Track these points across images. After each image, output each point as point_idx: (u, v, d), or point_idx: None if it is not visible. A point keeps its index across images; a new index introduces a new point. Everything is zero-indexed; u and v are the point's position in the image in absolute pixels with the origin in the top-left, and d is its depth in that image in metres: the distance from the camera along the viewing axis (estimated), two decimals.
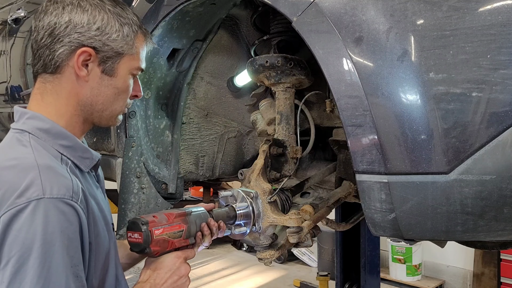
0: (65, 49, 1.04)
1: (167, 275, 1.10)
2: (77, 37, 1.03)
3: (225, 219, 1.30)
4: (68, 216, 0.93)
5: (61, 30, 1.03)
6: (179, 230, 1.14)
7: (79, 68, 1.05)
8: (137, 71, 1.15)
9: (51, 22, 1.04)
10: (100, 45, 1.05)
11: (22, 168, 0.94)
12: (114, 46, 1.07)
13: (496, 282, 4.03)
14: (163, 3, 1.57)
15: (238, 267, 5.40)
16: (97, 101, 1.09)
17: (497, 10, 0.98)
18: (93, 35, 1.04)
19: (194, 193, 6.20)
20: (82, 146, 1.09)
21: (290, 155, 1.53)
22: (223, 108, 1.94)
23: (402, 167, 1.04)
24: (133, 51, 1.11)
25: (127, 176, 1.71)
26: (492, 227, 1.06)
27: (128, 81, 1.13)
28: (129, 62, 1.11)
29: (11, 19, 2.84)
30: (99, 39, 1.05)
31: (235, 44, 1.87)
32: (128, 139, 1.71)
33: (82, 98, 1.08)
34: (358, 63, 1.06)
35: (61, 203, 0.92)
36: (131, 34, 1.10)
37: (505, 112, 0.96)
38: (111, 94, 1.10)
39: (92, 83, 1.07)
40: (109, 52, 1.07)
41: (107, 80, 1.09)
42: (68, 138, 1.06)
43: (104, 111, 1.11)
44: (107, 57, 1.07)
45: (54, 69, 1.05)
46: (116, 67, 1.09)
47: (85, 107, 1.09)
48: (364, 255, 2.55)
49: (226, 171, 2.01)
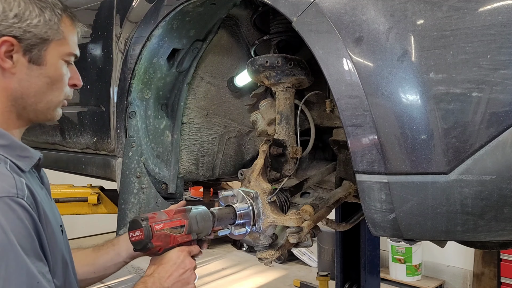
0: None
1: (172, 268, 1.09)
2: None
3: (225, 218, 1.30)
4: (18, 214, 0.88)
5: None
6: (180, 225, 1.14)
7: (3, 60, 0.98)
8: (69, 56, 1.08)
9: None
10: (21, 32, 0.98)
11: None
12: (37, 32, 1.00)
13: (496, 282, 4.03)
14: (163, 3, 1.57)
15: (238, 267, 5.40)
16: (28, 93, 1.02)
17: (497, 10, 0.98)
18: (12, 23, 0.97)
19: (194, 193, 6.19)
20: (19, 145, 1.02)
21: (290, 155, 1.53)
22: (223, 108, 1.94)
23: (402, 167, 1.04)
24: (59, 35, 1.04)
25: (127, 176, 1.71)
26: (492, 227, 1.06)
27: (61, 68, 1.06)
28: (57, 48, 1.04)
29: None
30: (19, 26, 0.97)
31: (235, 44, 1.87)
32: (128, 139, 1.71)
33: (12, 93, 1.00)
34: (358, 63, 1.06)
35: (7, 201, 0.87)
36: (54, 18, 1.03)
37: (505, 112, 0.96)
38: (43, 84, 1.03)
39: (20, 75, 1.00)
40: (33, 39, 0.99)
41: (36, 70, 1.02)
42: (3, 136, 0.99)
43: (38, 104, 1.04)
44: (32, 45, 1.00)
45: None
46: (43, 54, 1.02)
47: (16, 102, 1.02)
48: (364, 255, 2.55)
49: (226, 171, 2.01)
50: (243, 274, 5.18)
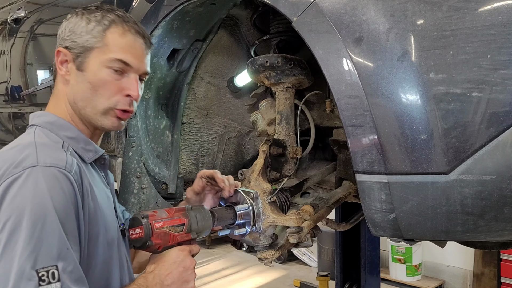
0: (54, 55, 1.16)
1: (172, 266, 1.10)
2: (60, 42, 1.16)
3: (225, 218, 1.30)
4: (61, 184, 0.97)
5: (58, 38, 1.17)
6: (180, 224, 1.14)
7: (59, 68, 1.15)
8: (112, 63, 1.12)
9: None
10: (70, 43, 1.13)
11: (22, 146, 1.02)
12: (81, 41, 1.12)
13: (496, 282, 4.03)
14: (163, 3, 1.57)
15: (238, 267, 5.40)
16: (77, 98, 1.14)
17: (497, 10, 0.98)
18: (66, 36, 1.14)
19: None
20: (84, 138, 1.14)
21: (290, 155, 1.53)
22: (223, 108, 1.94)
23: (402, 167, 1.04)
24: (101, 44, 1.12)
25: (127, 176, 1.71)
26: (492, 227, 1.06)
27: (101, 74, 1.12)
28: (99, 55, 1.12)
29: (11, 19, 2.84)
30: (70, 38, 1.13)
31: (235, 44, 1.87)
32: (128, 139, 1.71)
33: (69, 98, 1.15)
34: (358, 63, 1.06)
35: (53, 170, 0.97)
36: (98, 28, 1.13)
37: (505, 112, 0.96)
38: (86, 89, 1.13)
39: (72, 81, 1.14)
40: (78, 48, 1.13)
41: (80, 76, 1.13)
42: (70, 129, 1.13)
43: (86, 108, 1.14)
44: (78, 54, 1.13)
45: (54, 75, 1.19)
46: (86, 61, 1.13)
47: (72, 106, 1.15)
48: (364, 255, 2.55)
49: (226, 171, 2.01)
50: (243, 274, 5.18)
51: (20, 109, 2.79)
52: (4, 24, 2.98)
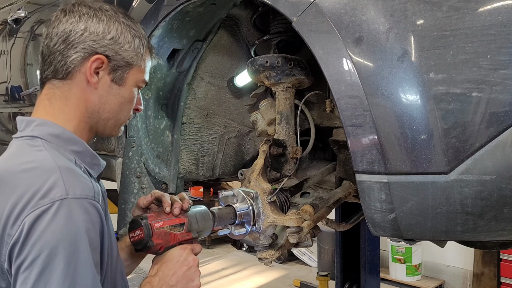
0: (78, 55, 1.05)
1: (175, 266, 1.09)
2: (92, 44, 1.05)
3: (225, 217, 1.30)
4: (92, 217, 0.94)
5: (76, 37, 1.05)
6: (180, 223, 1.14)
7: (91, 75, 1.06)
8: (142, 83, 1.17)
9: (67, 29, 1.05)
10: (113, 53, 1.08)
11: (42, 170, 0.94)
12: (126, 56, 1.09)
13: (496, 282, 4.03)
14: (163, 3, 1.57)
15: (238, 267, 5.40)
16: (104, 109, 1.10)
17: (497, 10, 0.98)
18: (107, 44, 1.07)
19: (194, 193, 6.20)
20: (91, 152, 1.10)
21: (290, 155, 1.53)
22: (223, 108, 1.94)
23: (402, 167, 1.04)
24: (141, 63, 1.14)
25: (127, 176, 1.71)
26: (492, 227, 1.06)
27: (134, 92, 1.15)
28: (136, 73, 1.13)
29: (11, 19, 2.84)
30: (112, 48, 1.07)
31: (235, 44, 1.87)
32: (128, 139, 1.71)
33: (90, 105, 1.09)
34: (358, 63, 1.06)
35: (85, 202, 0.93)
36: (141, 47, 1.13)
37: (505, 112, 0.96)
38: (118, 103, 1.12)
39: (101, 91, 1.09)
40: (120, 61, 1.09)
41: (116, 89, 1.10)
42: (78, 143, 1.07)
43: (110, 120, 1.13)
44: (118, 66, 1.09)
45: (65, 75, 1.06)
46: (125, 76, 1.11)
47: (92, 115, 1.10)
48: (364, 255, 2.55)
49: (226, 171, 2.01)
50: (243, 274, 5.18)
51: (20, 109, 2.79)
52: (4, 24, 2.98)
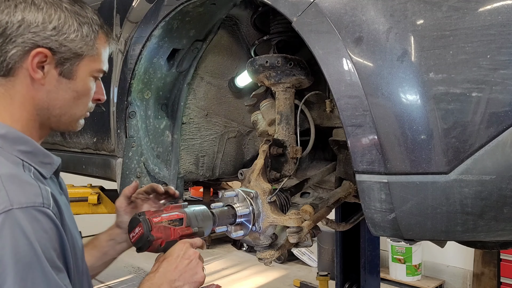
0: (18, 50, 0.95)
1: (176, 261, 1.06)
2: (31, 37, 0.96)
3: (225, 217, 1.30)
4: (43, 225, 0.86)
5: (13, 30, 0.95)
6: (179, 218, 1.14)
7: (34, 71, 0.97)
8: (98, 73, 1.08)
9: (3, 21, 0.95)
10: (57, 45, 0.98)
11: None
12: (72, 47, 1.00)
13: (496, 282, 4.03)
14: (163, 3, 1.57)
15: (238, 267, 5.40)
16: (54, 105, 1.02)
17: (497, 10, 0.98)
18: (49, 35, 0.97)
19: (194, 193, 6.20)
20: (42, 151, 1.02)
21: (290, 155, 1.53)
22: (223, 108, 1.94)
23: (402, 167, 1.04)
24: (93, 52, 1.04)
25: (127, 176, 1.71)
26: (492, 227, 1.06)
27: (89, 83, 1.06)
28: (89, 64, 1.04)
29: None
30: (56, 39, 0.98)
31: (235, 44, 1.87)
32: (128, 139, 1.71)
33: (38, 103, 1.00)
34: (358, 63, 1.06)
35: (32, 211, 0.85)
36: (91, 34, 1.03)
37: (505, 112, 0.96)
38: (70, 98, 1.03)
39: (49, 86, 1.00)
40: (67, 53, 1.00)
41: (66, 83, 1.02)
42: (27, 143, 0.98)
43: (63, 116, 1.05)
44: (65, 59, 1.00)
45: (6, 72, 0.97)
46: (75, 69, 1.02)
47: (41, 112, 1.02)
48: (364, 255, 2.55)
49: (226, 171, 2.01)
50: (243, 274, 5.18)
51: None
52: None
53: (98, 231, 1.35)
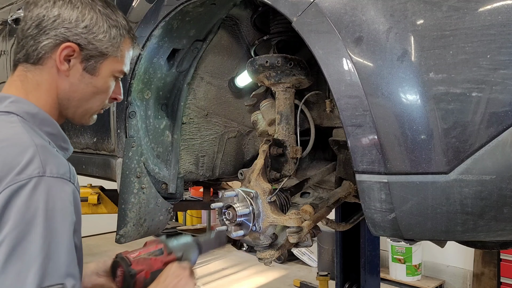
0: (49, 41, 1.04)
1: (165, 281, 1.10)
2: (64, 31, 1.04)
3: (213, 242, 1.31)
4: (68, 195, 0.95)
5: (48, 23, 1.04)
6: (157, 249, 1.16)
7: (61, 62, 1.06)
8: (119, 74, 1.16)
9: (40, 14, 1.05)
10: (85, 43, 1.06)
11: (18, 146, 0.94)
12: (99, 46, 1.08)
13: (496, 282, 4.03)
14: (163, 3, 1.57)
15: (238, 267, 5.40)
16: (74, 97, 1.10)
17: (497, 10, 0.98)
18: (80, 32, 1.06)
19: (194, 193, 6.20)
20: (63, 135, 1.11)
21: (290, 155, 1.53)
22: (223, 108, 1.94)
23: (402, 167, 1.04)
24: (117, 53, 1.12)
25: (127, 176, 1.71)
26: (492, 227, 1.06)
27: (109, 82, 1.14)
28: (112, 63, 1.12)
29: (11, 19, 2.84)
30: (85, 37, 1.06)
31: (235, 44, 1.87)
32: (128, 139, 1.71)
33: (61, 92, 1.09)
34: (358, 63, 1.06)
35: (61, 181, 0.94)
36: (118, 37, 1.11)
37: (505, 112, 0.96)
38: (89, 92, 1.11)
39: (72, 79, 1.08)
40: (93, 51, 1.08)
41: (88, 78, 1.10)
42: (52, 125, 1.07)
43: (79, 108, 1.13)
44: (91, 56, 1.08)
45: (36, 60, 1.06)
46: (98, 66, 1.10)
47: (62, 101, 1.10)
48: (364, 255, 2.56)
49: (226, 171, 2.01)
50: (243, 274, 5.18)
51: None
52: (4, 24, 2.98)
53: (98, 231, 1.35)
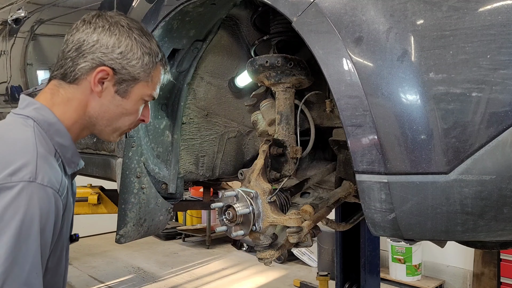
0: (86, 64, 1.12)
1: None
2: (100, 56, 1.12)
3: None
4: (51, 206, 0.98)
5: (87, 47, 1.12)
6: None
7: (95, 84, 1.13)
8: (149, 98, 1.22)
9: (81, 39, 1.13)
10: (119, 67, 1.14)
11: (21, 147, 1.00)
12: (132, 71, 1.15)
13: (496, 282, 4.03)
14: (163, 3, 1.57)
15: (238, 267, 5.40)
16: (103, 116, 1.17)
17: (497, 10, 0.98)
18: (115, 57, 1.13)
19: (194, 193, 6.20)
20: (74, 149, 1.15)
21: (290, 155, 1.53)
22: (223, 108, 1.94)
23: (402, 167, 1.04)
24: (148, 79, 1.19)
25: (127, 176, 1.71)
26: (492, 227, 1.06)
27: (138, 105, 1.21)
28: (143, 88, 1.19)
29: (11, 19, 2.84)
30: (120, 62, 1.13)
31: (235, 44, 1.87)
32: (128, 139, 1.71)
33: (90, 110, 1.16)
34: (358, 63, 1.06)
35: (48, 191, 0.97)
36: (150, 64, 1.17)
37: (505, 112, 0.96)
38: (118, 113, 1.18)
39: (104, 100, 1.15)
40: (126, 75, 1.15)
41: (118, 100, 1.16)
42: (65, 137, 1.12)
43: (107, 127, 1.19)
44: (123, 80, 1.15)
45: (72, 80, 1.14)
46: (129, 90, 1.17)
47: (90, 118, 1.17)
48: (364, 255, 2.56)
49: (226, 171, 2.01)
50: (243, 274, 5.18)
51: None
52: (4, 24, 2.98)
53: (98, 231, 1.36)
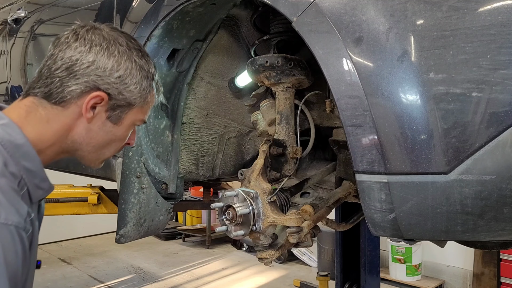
0: (78, 87, 0.99)
1: None
2: (96, 79, 0.99)
3: None
4: (16, 245, 0.89)
5: (81, 68, 0.99)
6: None
7: (87, 110, 1.01)
8: (140, 122, 1.13)
9: (73, 57, 0.99)
10: (116, 93, 1.02)
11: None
12: (129, 96, 1.04)
13: (496, 282, 4.03)
14: (163, 3, 1.57)
15: (238, 267, 5.40)
16: (88, 142, 1.05)
17: (497, 10, 0.98)
18: (112, 82, 1.01)
19: (194, 193, 6.20)
20: (42, 175, 1.01)
21: (290, 155, 1.53)
22: (223, 108, 1.94)
23: (402, 167, 1.04)
24: (144, 103, 1.09)
25: (127, 176, 1.71)
26: (492, 227, 1.06)
27: (129, 131, 1.11)
28: (136, 113, 1.09)
29: (11, 19, 2.84)
30: (117, 87, 1.02)
31: (235, 44, 1.87)
32: None
33: (74, 135, 1.04)
34: (358, 63, 1.06)
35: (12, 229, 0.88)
36: (147, 88, 1.07)
37: (505, 112, 0.96)
38: (107, 140, 1.07)
39: (93, 126, 1.04)
40: (122, 101, 1.04)
41: (109, 127, 1.06)
42: (34, 161, 0.98)
43: (91, 153, 1.08)
44: (118, 106, 1.04)
45: (58, 101, 1.00)
46: (123, 117, 1.06)
47: (73, 143, 1.05)
48: (364, 255, 2.56)
49: (226, 171, 2.01)
50: (243, 274, 5.18)
51: None
52: (4, 24, 2.98)
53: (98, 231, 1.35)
